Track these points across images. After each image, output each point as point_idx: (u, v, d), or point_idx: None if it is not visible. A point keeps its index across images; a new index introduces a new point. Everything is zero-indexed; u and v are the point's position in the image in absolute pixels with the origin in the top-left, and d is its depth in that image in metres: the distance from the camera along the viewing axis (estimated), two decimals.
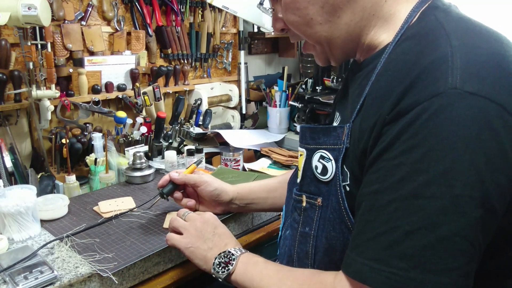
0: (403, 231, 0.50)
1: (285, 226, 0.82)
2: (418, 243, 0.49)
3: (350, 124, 0.63)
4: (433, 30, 0.57)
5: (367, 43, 0.65)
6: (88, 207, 1.11)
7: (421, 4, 0.61)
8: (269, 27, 1.81)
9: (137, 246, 0.91)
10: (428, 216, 0.49)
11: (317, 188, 0.69)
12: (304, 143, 0.72)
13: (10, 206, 0.92)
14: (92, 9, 1.55)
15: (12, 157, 1.29)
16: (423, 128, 0.50)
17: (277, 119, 2.00)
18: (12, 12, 1.13)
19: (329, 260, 0.66)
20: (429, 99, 0.50)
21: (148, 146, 1.52)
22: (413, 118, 0.50)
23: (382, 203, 0.53)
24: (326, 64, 0.73)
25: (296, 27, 0.67)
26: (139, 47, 1.69)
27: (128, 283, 0.87)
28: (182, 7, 1.82)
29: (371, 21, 0.63)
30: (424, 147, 0.49)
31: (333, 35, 0.65)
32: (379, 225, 0.53)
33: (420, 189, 0.49)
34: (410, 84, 0.52)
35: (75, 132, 1.46)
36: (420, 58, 0.54)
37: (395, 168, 0.52)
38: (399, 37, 0.60)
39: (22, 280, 0.77)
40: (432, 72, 0.51)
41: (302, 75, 2.39)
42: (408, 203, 0.50)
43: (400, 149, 0.51)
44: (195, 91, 1.90)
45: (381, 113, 0.55)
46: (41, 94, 1.36)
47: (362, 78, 0.66)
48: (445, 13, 0.59)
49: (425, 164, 0.49)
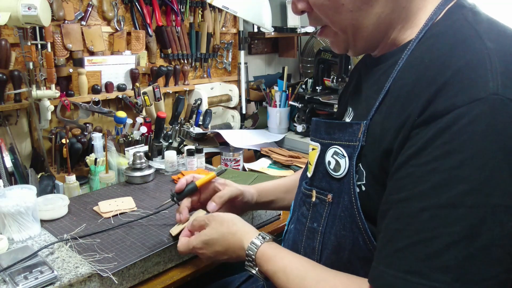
0: (443, 242, 0.47)
1: (292, 220, 0.81)
2: (459, 254, 0.47)
3: (368, 121, 0.60)
4: (462, 29, 0.55)
5: (392, 38, 0.63)
6: (88, 207, 1.11)
7: (447, 1, 0.60)
8: (269, 27, 1.81)
9: (137, 246, 0.91)
10: (469, 226, 0.47)
11: (328, 184, 0.67)
12: (319, 138, 0.69)
13: (10, 206, 0.92)
14: (92, 9, 1.55)
15: (12, 157, 1.29)
16: (461, 134, 0.48)
17: (277, 119, 2.00)
18: (12, 12, 1.13)
19: (337, 258, 0.65)
20: (468, 103, 0.48)
21: (148, 146, 1.52)
22: (450, 122, 0.48)
23: (413, 210, 0.50)
24: (343, 53, 0.69)
25: (323, 11, 0.63)
26: (139, 47, 1.69)
27: (128, 283, 0.87)
28: (182, 7, 1.82)
29: (401, 14, 0.61)
30: (463, 154, 0.47)
31: (362, 24, 0.62)
32: (411, 234, 0.50)
33: (460, 198, 0.47)
34: (443, 85, 0.50)
35: (75, 132, 1.46)
36: (451, 57, 0.52)
37: (428, 174, 0.49)
38: (423, 34, 0.58)
39: (22, 280, 0.77)
40: (469, 74, 0.49)
41: (302, 75, 2.39)
42: (446, 212, 0.48)
43: (434, 155, 0.49)
44: (195, 91, 1.90)
45: (410, 114, 0.52)
46: (41, 94, 1.36)
47: (380, 73, 0.64)
48: (473, 13, 0.57)
49: (465, 171, 0.47)
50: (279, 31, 2.16)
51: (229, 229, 0.79)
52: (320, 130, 0.69)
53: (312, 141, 0.72)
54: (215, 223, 0.81)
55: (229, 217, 0.82)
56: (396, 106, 0.56)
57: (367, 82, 0.68)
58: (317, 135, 0.70)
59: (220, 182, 0.97)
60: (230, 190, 0.94)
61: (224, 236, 0.79)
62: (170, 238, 0.95)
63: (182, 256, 0.97)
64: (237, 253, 0.77)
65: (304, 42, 2.35)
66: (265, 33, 2.06)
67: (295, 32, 2.20)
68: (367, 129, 0.61)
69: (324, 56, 1.96)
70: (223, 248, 0.79)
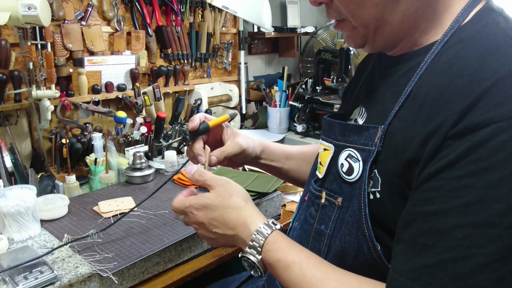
0: (477, 262, 0.46)
1: (297, 218, 0.78)
2: (493, 275, 0.45)
3: (386, 126, 0.58)
4: (495, 36, 0.53)
5: (414, 38, 0.60)
6: (88, 207, 1.11)
7: (474, 3, 0.57)
8: (269, 27, 1.81)
9: (137, 246, 0.91)
10: (505, 246, 0.45)
11: (339, 187, 0.65)
12: (333, 138, 0.67)
13: (10, 206, 0.92)
14: (92, 9, 1.55)
15: (12, 157, 1.29)
16: (500, 150, 0.46)
17: (277, 119, 2.00)
18: (12, 12, 1.13)
19: (339, 263, 0.62)
20: (508, 118, 0.46)
21: (148, 146, 1.52)
22: (487, 137, 0.46)
23: (445, 226, 0.48)
24: (359, 47, 0.64)
25: (345, 4, 0.58)
26: (139, 47, 1.69)
27: (128, 283, 0.87)
28: (182, 7, 1.82)
29: (426, 12, 0.57)
30: (502, 171, 0.45)
31: (386, 20, 0.58)
32: (443, 251, 0.48)
33: (497, 218, 0.45)
34: (479, 96, 0.48)
35: (75, 132, 1.46)
36: (486, 67, 0.49)
37: (462, 190, 0.47)
38: (449, 37, 0.56)
39: (22, 280, 0.77)
40: (508, 87, 0.47)
41: (302, 75, 2.39)
42: (482, 231, 0.46)
43: (468, 169, 0.47)
44: (195, 91, 1.90)
45: (441, 124, 0.50)
46: (41, 94, 1.36)
47: (399, 74, 0.61)
48: (504, 18, 0.55)
49: (503, 190, 0.45)
50: (279, 31, 2.16)
51: (235, 204, 0.69)
52: (334, 131, 0.67)
53: (324, 141, 0.69)
54: (223, 190, 0.71)
55: (240, 192, 0.72)
56: (421, 114, 0.53)
57: (382, 82, 0.65)
58: (330, 136, 0.68)
59: (230, 130, 0.89)
60: (233, 148, 0.85)
61: (228, 208, 0.69)
62: (170, 238, 0.95)
63: (182, 256, 0.97)
64: (236, 231, 0.68)
65: (304, 42, 2.35)
66: (265, 33, 2.06)
67: (295, 32, 2.20)
68: (385, 134, 0.58)
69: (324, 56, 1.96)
70: (222, 220, 0.69)
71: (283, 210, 1.26)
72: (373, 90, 0.68)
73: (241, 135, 0.89)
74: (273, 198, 1.19)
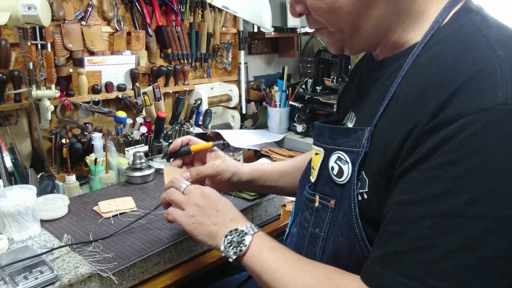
0: (442, 250, 0.48)
1: (294, 224, 0.80)
2: (458, 263, 0.47)
3: (372, 127, 0.60)
4: (471, 35, 0.54)
5: (393, 40, 0.62)
6: (88, 207, 1.11)
7: (453, 4, 0.58)
8: (269, 27, 1.81)
9: (137, 246, 0.91)
10: (470, 236, 0.47)
11: (331, 190, 0.66)
12: (322, 142, 0.68)
13: (10, 206, 0.92)
14: (92, 9, 1.55)
15: (12, 157, 1.29)
16: (467, 144, 0.47)
17: (277, 119, 2.00)
18: (12, 12, 1.13)
19: (334, 264, 0.64)
20: (475, 113, 0.47)
21: (148, 146, 1.52)
22: (456, 131, 0.48)
23: (413, 216, 0.50)
24: (339, 53, 0.68)
25: (320, 14, 0.62)
26: (139, 47, 1.69)
27: (128, 283, 0.87)
28: (182, 7, 1.82)
29: (401, 16, 0.60)
30: (468, 164, 0.47)
31: (360, 26, 0.61)
32: (411, 239, 0.50)
33: (463, 208, 0.47)
34: (452, 94, 0.49)
35: (75, 132, 1.46)
36: (460, 65, 0.51)
37: (431, 181, 0.49)
38: (429, 38, 0.57)
39: (22, 280, 0.77)
40: (479, 83, 0.49)
41: (302, 75, 2.39)
42: (448, 220, 0.48)
43: (438, 162, 0.49)
44: (195, 91, 1.90)
45: (418, 122, 0.51)
46: (41, 94, 1.36)
47: (384, 78, 0.63)
48: (481, 17, 0.56)
49: (469, 181, 0.47)
50: (279, 31, 2.16)
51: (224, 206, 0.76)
52: (324, 135, 0.68)
53: (315, 146, 0.71)
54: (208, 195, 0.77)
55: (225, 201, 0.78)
56: (402, 114, 0.54)
57: (369, 86, 0.67)
58: (320, 140, 0.69)
59: (214, 154, 0.93)
60: (208, 169, 0.89)
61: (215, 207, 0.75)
62: (170, 238, 0.95)
63: (182, 256, 0.97)
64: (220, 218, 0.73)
65: (304, 42, 2.35)
66: (265, 33, 2.06)
67: (295, 32, 2.20)
68: (371, 135, 0.60)
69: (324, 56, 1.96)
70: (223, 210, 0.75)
71: (283, 210, 1.26)
72: (362, 95, 0.70)
73: (222, 159, 0.93)
74: (273, 198, 1.19)
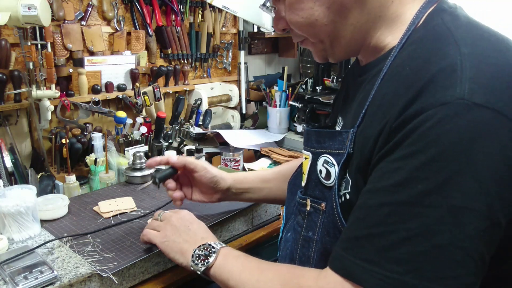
0: (399, 236, 0.50)
1: (287, 228, 0.81)
2: (414, 249, 0.49)
3: (355, 129, 0.62)
4: (441, 35, 0.55)
5: (372, 44, 0.64)
6: (88, 207, 1.11)
7: (428, 5, 0.60)
8: (269, 27, 1.81)
9: (137, 246, 0.91)
10: (425, 224, 0.49)
11: (321, 193, 0.68)
12: (310, 147, 0.70)
13: (10, 206, 0.92)
14: (92, 9, 1.55)
15: (12, 157, 1.30)
16: (425, 136, 0.49)
17: (277, 119, 2.00)
18: (12, 12, 1.13)
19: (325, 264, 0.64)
20: (434, 107, 0.49)
21: (148, 146, 1.52)
22: (417, 125, 0.50)
23: (373, 203, 0.53)
24: (324, 61, 0.72)
25: (299, 27, 0.66)
26: (139, 47, 1.70)
27: (128, 283, 0.87)
28: (182, 7, 1.82)
29: (377, 22, 0.62)
30: (425, 156, 0.49)
31: (338, 35, 0.65)
32: (370, 225, 0.53)
33: (418, 198, 0.49)
34: (417, 92, 0.51)
35: (75, 132, 1.46)
36: (428, 65, 0.53)
37: (393, 172, 0.52)
38: (405, 40, 0.59)
39: (22, 280, 0.77)
40: (441, 80, 0.50)
41: (302, 75, 2.39)
42: (404, 209, 0.50)
43: (401, 154, 0.51)
44: (195, 91, 1.90)
45: (388, 121, 0.54)
46: (41, 94, 1.36)
47: (366, 82, 0.65)
48: (452, 17, 0.58)
49: (425, 173, 0.49)
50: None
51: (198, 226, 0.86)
52: (311, 139, 0.70)
53: (304, 151, 0.73)
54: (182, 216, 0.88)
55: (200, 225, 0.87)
56: (377, 114, 0.57)
57: (355, 91, 0.69)
58: (308, 144, 0.71)
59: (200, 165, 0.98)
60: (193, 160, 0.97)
61: (187, 226, 0.84)
62: None
63: None
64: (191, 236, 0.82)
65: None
66: (265, 33, 2.06)
67: None
68: (354, 137, 0.62)
69: None
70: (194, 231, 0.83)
71: (282, 210, 1.26)
72: (348, 100, 0.73)
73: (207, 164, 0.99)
74: None
